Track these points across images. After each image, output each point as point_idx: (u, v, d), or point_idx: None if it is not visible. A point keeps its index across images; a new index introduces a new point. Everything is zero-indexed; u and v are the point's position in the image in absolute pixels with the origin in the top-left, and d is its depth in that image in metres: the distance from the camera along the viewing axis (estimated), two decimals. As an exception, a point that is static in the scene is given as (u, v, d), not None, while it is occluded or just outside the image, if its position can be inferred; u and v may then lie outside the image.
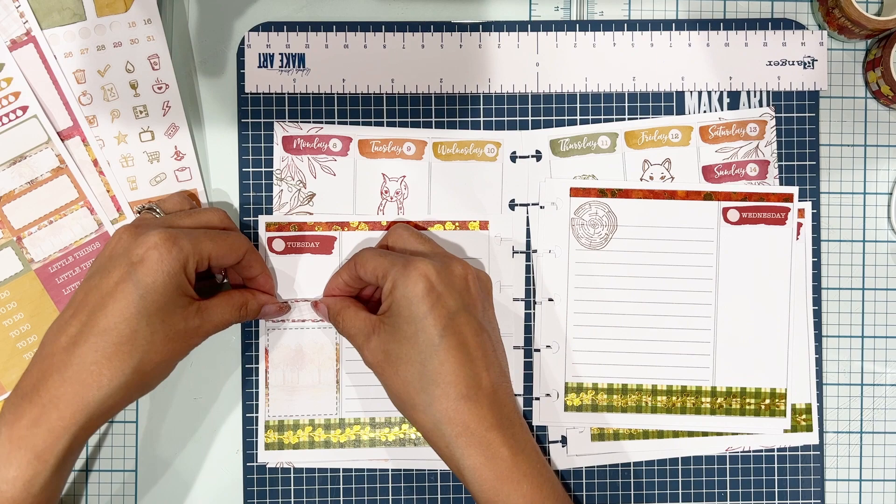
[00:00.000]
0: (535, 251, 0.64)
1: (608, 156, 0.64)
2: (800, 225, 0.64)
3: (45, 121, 0.62)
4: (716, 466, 0.64)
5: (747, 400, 0.63)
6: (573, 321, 0.64)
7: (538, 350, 0.64)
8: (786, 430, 0.63)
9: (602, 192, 0.64)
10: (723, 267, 0.64)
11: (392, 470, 0.64)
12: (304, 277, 0.63)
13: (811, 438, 0.64)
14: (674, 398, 0.63)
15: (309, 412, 0.63)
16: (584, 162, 0.64)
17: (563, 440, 0.64)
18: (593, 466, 0.64)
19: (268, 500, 0.63)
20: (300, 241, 0.63)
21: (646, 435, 0.64)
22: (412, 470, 0.64)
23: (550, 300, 0.63)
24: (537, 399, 0.64)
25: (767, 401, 0.63)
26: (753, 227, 0.64)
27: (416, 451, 0.63)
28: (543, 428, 0.64)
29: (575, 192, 0.64)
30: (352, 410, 0.63)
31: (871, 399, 0.65)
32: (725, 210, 0.64)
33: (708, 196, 0.64)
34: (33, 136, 0.62)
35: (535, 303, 0.64)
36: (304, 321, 0.63)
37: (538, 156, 0.64)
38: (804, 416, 0.64)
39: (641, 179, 0.64)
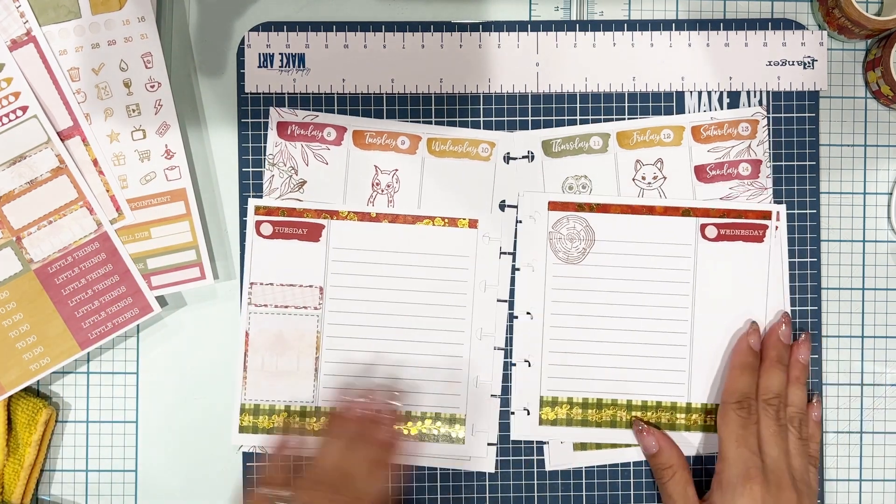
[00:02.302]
0: (515, 266, 0.64)
1: (600, 156, 0.64)
2: (776, 228, 0.64)
3: (45, 121, 0.62)
4: (716, 467, 0.64)
5: None
6: (549, 335, 0.63)
7: (514, 364, 0.64)
8: None
9: (580, 207, 0.64)
10: (700, 283, 0.64)
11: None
12: (289, 263, 0.63)
13: None
14: (648, 414, 0.63)
15: (286, 398, 0.63)
16: (577, 163, 0.64)
17: (540, 450, 0.64)
18: (593, 466, 0.64)
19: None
20: (288, 227, 0.63)
21: (627, 445, 0.64)
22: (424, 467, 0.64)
23: (528, 314, 0.64)
24: (513, 413, 0.64)
25: None
26: (731, 244, 0.64)
27: None
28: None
29: (553, 205, 0.64)
30: (328, 399, 0.63)
31: (871, 399, 0.65)
32: (703, 227, 0.64)
33: (686, 212, 0.64)
34: (33, 137, 0.62)
35: (513, 317, 0.64)
36: (286, 307, 0.63)
37: (530, 156, 0.64)
38: None
39: (634, 180, 0.64)
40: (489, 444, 0.63)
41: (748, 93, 0.64)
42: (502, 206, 0.64)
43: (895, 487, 0.65)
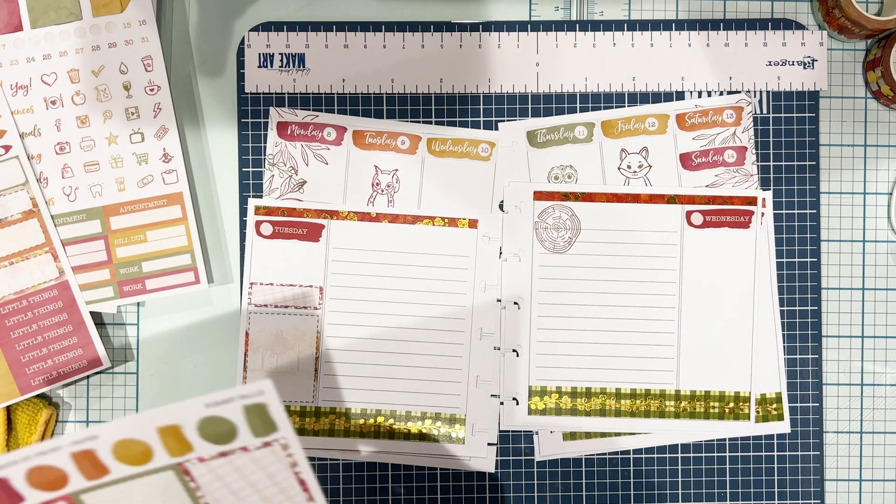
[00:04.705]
0: (502, 256, 0.64)
1: (585, 146, 0.64)
2: (762, 215, 0.64)
3: (25, 163, 0.62)
4: (716, 466, 0.64)
5: (711, 403, 0.63)
6: (537, 324, 0.64)
7: (503, 355, 0.64)
8: (757, 421, 0.63)
9: (566, 196, 0.64)
10: (686, 270, 0.64)
11: (392, 467, 0.64)
12: (289, 263, 0.63)
13: (782, 427, 0.64)
14: (638, 402, 0.64)
15: (285, 398, 0.63)
16: (562, 152, 0.64)
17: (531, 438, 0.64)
18: (593, 460, 0.64)
19: (268, 500, 0.63)
20: (288, 227, 0.63)
21: (617, 434, 0.64)
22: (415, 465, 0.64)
23: (515, 304, 0.64)
24: (502, 403, 0.64)
25: (731, 404, 0.63)
26: (717, 231, 0.64)
27: (389, 444, 0.63)
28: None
29: (539, 195, 0.64)
30: (328, 399, 0.63)
31: (871, 399, 0.65)
32: (689, 213, 0.64)
33: (671, 199, 0.64)
34: (11, 176, 0.62)
35: (501, 307, 0.64)
36: (286, 307, 0.63)
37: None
38: (775, 406, 0.64)
39: (619, 168, 0.64)
40: (489, 444, 0.63)
41: (748, 93, 0.64)
42: (502, 206, 0.64)
43: (895, 487, 0.65)
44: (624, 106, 0.64)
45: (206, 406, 0.45)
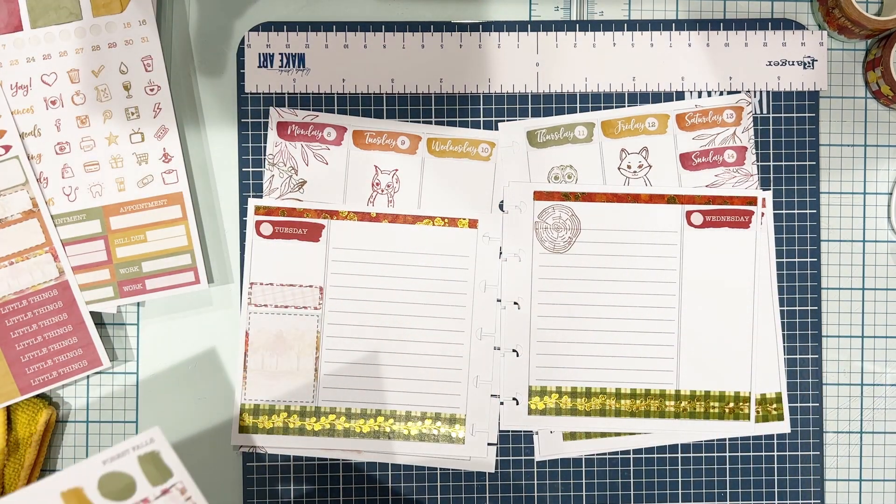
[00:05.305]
0: (502, 256, 0.64)
1: (585, 146, 0.64)
2: (762, 215, 0.64)
3: (25, 163, 0.62)
4: (716, 466, 0.64)
5: (711, 403, 0.63)
6: (537, 325, 0.64)
7: (503, 355, 0.64)
8: (757, 421, 0.63)
9: (566, 196, 0.64)
10: (686, 270, 0.64)
11: (392, 467, 0.64)
12: (289, 263, 0.63)
13: (782, 427, 0.64)
14: (638, 402, 0.64)
15: (285, 398, 0.63)
16: (562, 152, 0.64)
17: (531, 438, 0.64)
18: (593, 460, 0.64)
19: (267, 501, 0.63)
20: (288, 227, 0.63)
21: (617, 434, 0.64)
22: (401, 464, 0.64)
23: (515, 304, 0.64)
24: (502, 403, 0.64)
25: (731, 404, 0.63)
26: (717, 231, 0.64)
27: (389, 445, 0.63)
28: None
29: (539, 195, 0.64)
30: (328, 399, 0.63)
31: (871, 399, 0.65)
32: (689, 213, 0.64)
33: (671, 199, 0.64)
34: (11, 176, 0.62)
35: (502, 307, 0.64)
36: (286, 307, 0.63)
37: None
38: (775, 406, 0.64)
39: (619, 168, 0.64)
40: (489, 444, 0.64)
41: (748, 93, 0.64)
42: (502, 206, 0.64)
43: (895, 487, 0.65)
44: (624, 106, 0.64)
45: (103, 463, 0.47)
